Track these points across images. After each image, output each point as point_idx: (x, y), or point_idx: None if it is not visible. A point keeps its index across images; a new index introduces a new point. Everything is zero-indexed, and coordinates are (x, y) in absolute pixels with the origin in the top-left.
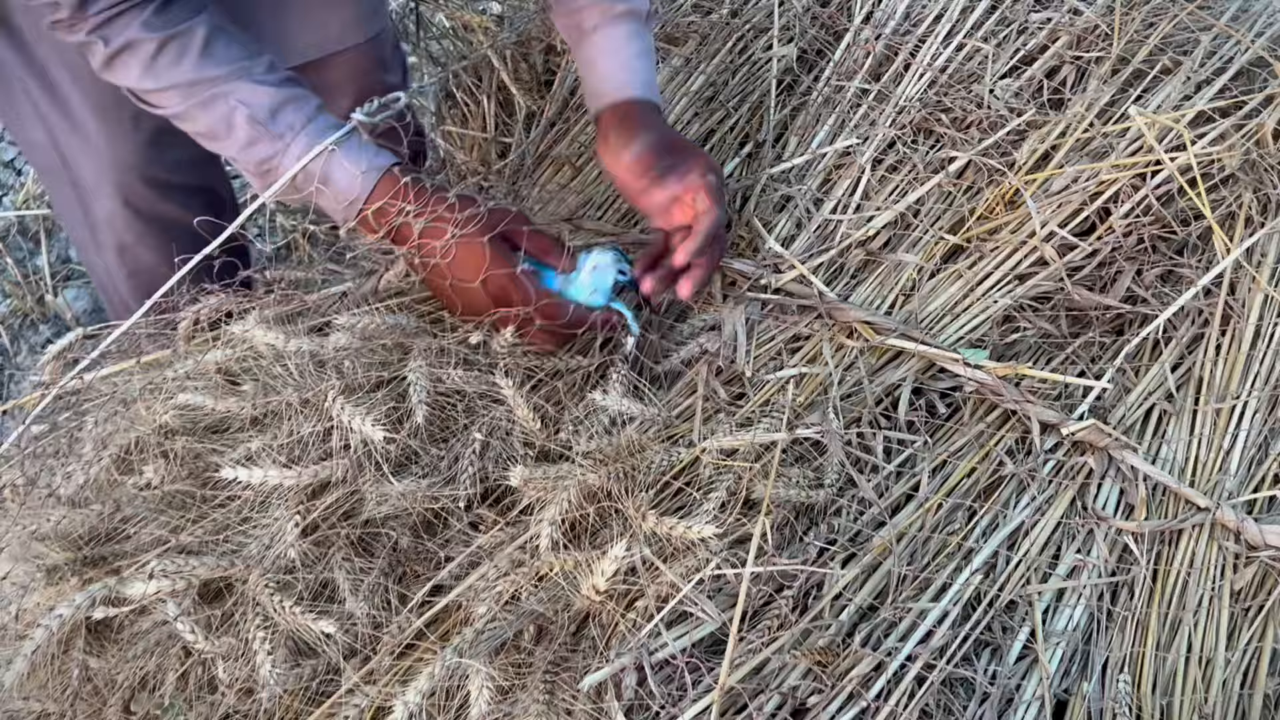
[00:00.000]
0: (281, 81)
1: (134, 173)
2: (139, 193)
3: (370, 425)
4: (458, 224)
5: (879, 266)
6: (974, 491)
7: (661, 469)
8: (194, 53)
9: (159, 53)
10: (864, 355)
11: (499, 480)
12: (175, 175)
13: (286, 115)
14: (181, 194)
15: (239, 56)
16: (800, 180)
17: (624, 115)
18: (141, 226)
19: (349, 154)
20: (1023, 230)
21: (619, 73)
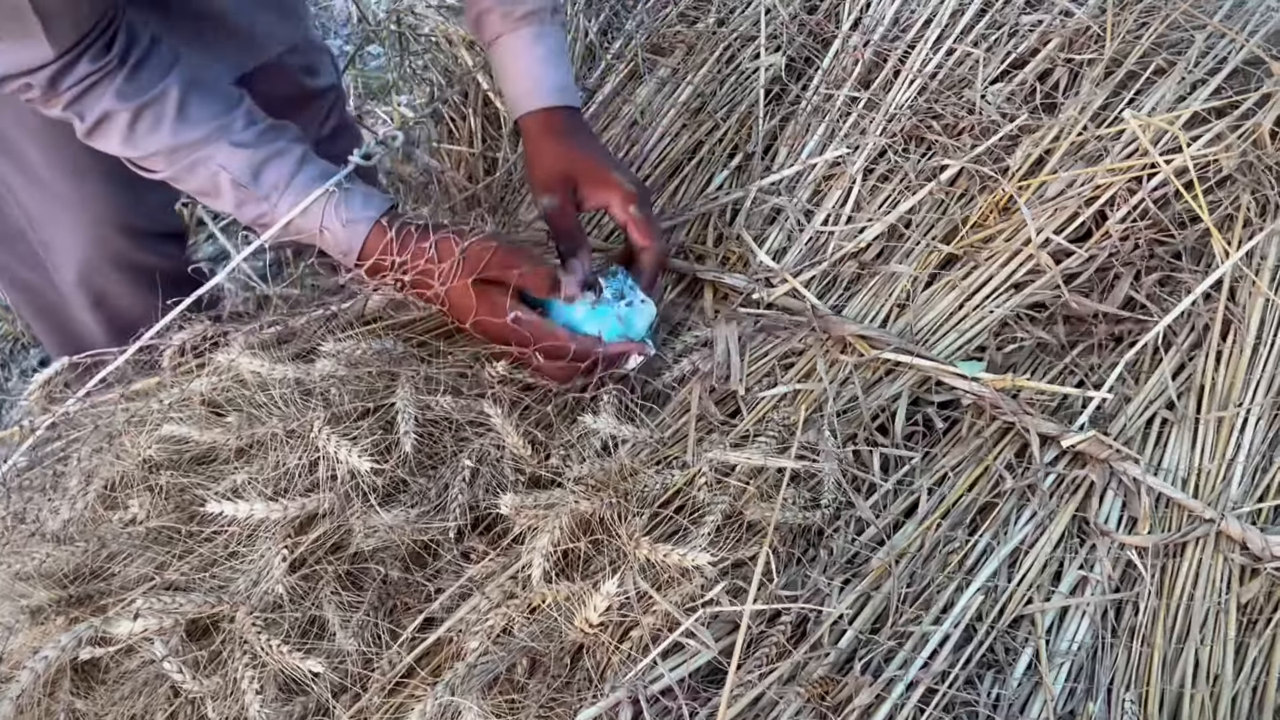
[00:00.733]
0: (261, 136)
1: (109, 226)
2: (115, 245)
3: (357, 456)
4: (441, 274)
5: (872, 278)
6: (974, 508)
7: (655, 493)
8: (169, 118)
9: (135, 121)
10: (859, 370)
11: (489, 508)
12: (151, 223)
13: (269, 175)
14: (156, 241)
15: (216, 114)
16: (790, 192)
17: (534, 127)
18: (119, 276)
19: (336, 207)
20: (1017, 238)
21: (524, 80)
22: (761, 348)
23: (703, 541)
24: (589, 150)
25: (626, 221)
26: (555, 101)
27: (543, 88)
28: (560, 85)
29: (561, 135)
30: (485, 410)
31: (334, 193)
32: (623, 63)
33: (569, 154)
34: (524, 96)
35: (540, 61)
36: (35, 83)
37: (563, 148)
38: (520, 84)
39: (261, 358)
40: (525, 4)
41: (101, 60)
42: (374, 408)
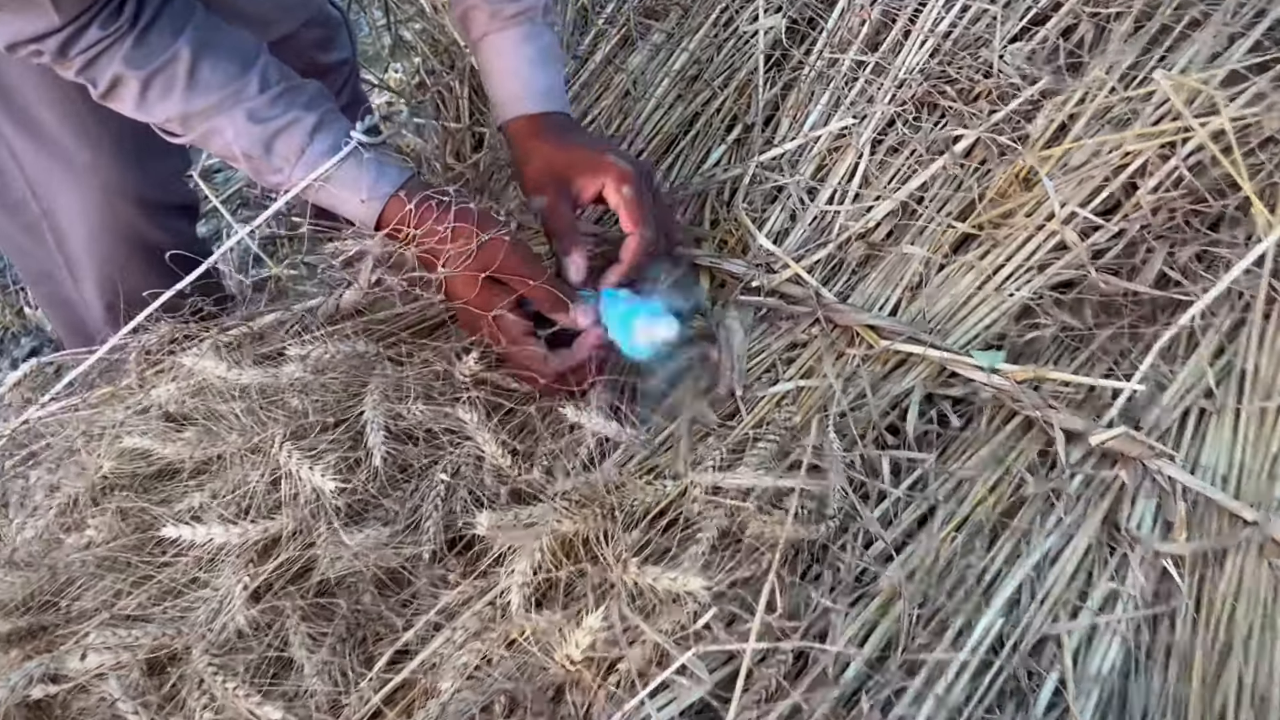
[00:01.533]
0: (274, 101)
1: (119, 194)
2: (124, 215)
3: (320, 475)
4: (449, 257)
5: (881, 260)
6: (993, 516)
7: (644, 507)
8: (180, 84)
9: (146, 88)
10: (867, 364)
11: (466, 526)
12: (164, 193)
13: (280, 147)
14: (165, 214)
15: (229, 78)
16: (793, 167)
17: (521, 132)
18: (126, 253)
19: (350, 180)
20: (1040, 213)
21: (511, 82)
22: (762, 340)
23: (696, 563)
24: (580, 141)
25: (618, 205)
26: (544, 107)
27: (531, 91)
28: (549, 88)
29: (550, 134)
30: (460, 416)
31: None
32: (614, 28)
33: (558, 149)
34: (510, 101)
35: (529, 62)
36: (45, 49)
37: (550, 145)
38: (507, 86)
39: (226, 362)
40: (514, 2)
41: (111, 26)
42: (341, 418)
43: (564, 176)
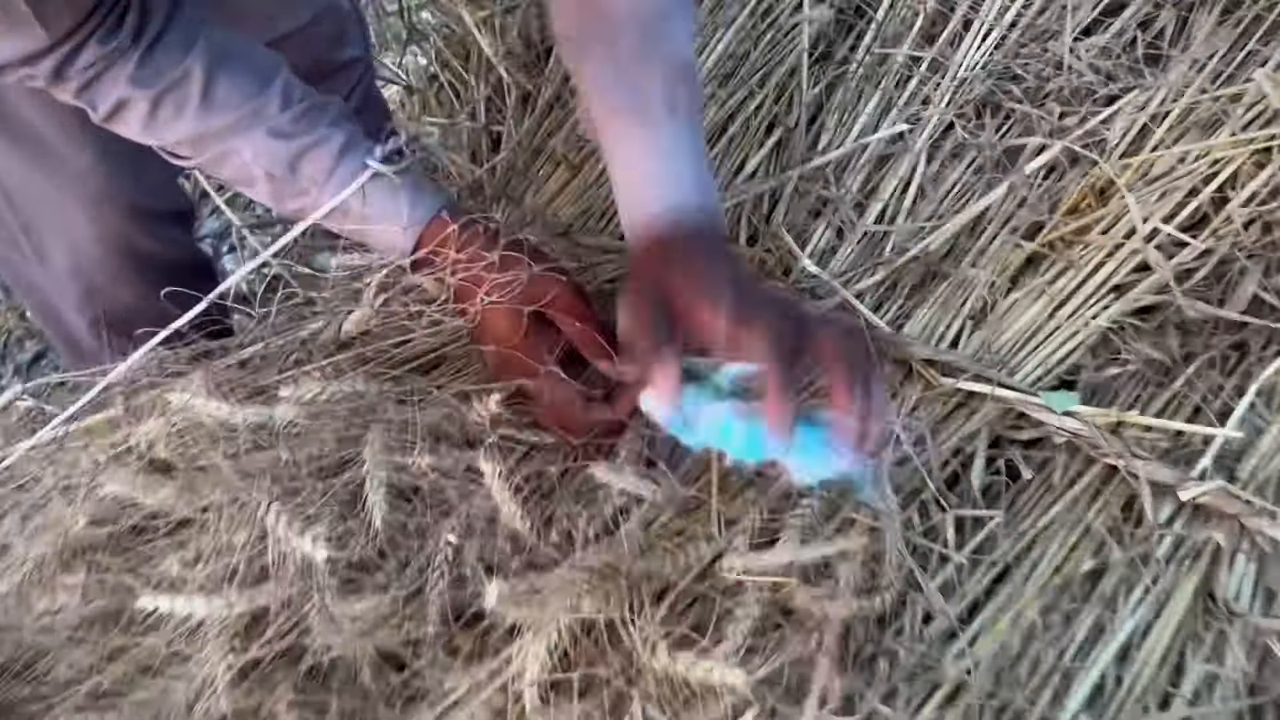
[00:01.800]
0: (298, 120)
1: (106, 203)
2: (112, 225)
3: (311, 541)
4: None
5: (940, 283)
6: (1071, 584)
7: (674, 576)
8: (194, 104)
9: (155, 109)
10: (926, 404)
11: (475, 594)
12: (154, 200)
13: (306, 168)
14: (158, 222)
15: (247, 95)
16: (839, 178)
17: (641, 243)
18: (116, 265)
19: (386, 203)
20: (1118, 229)
21: (630, 190)
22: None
23: (734, 646)
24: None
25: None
26: (678, 206)
27: (637, 197)
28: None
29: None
30: (480, 467)
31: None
32: None
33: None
34: (633, 207)
35: (627, 165)
36: (38, 72)
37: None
38: (619, 194)
39: (216, 398)
40: (618, 90)
41: (111, 43)
42: (338, 468)
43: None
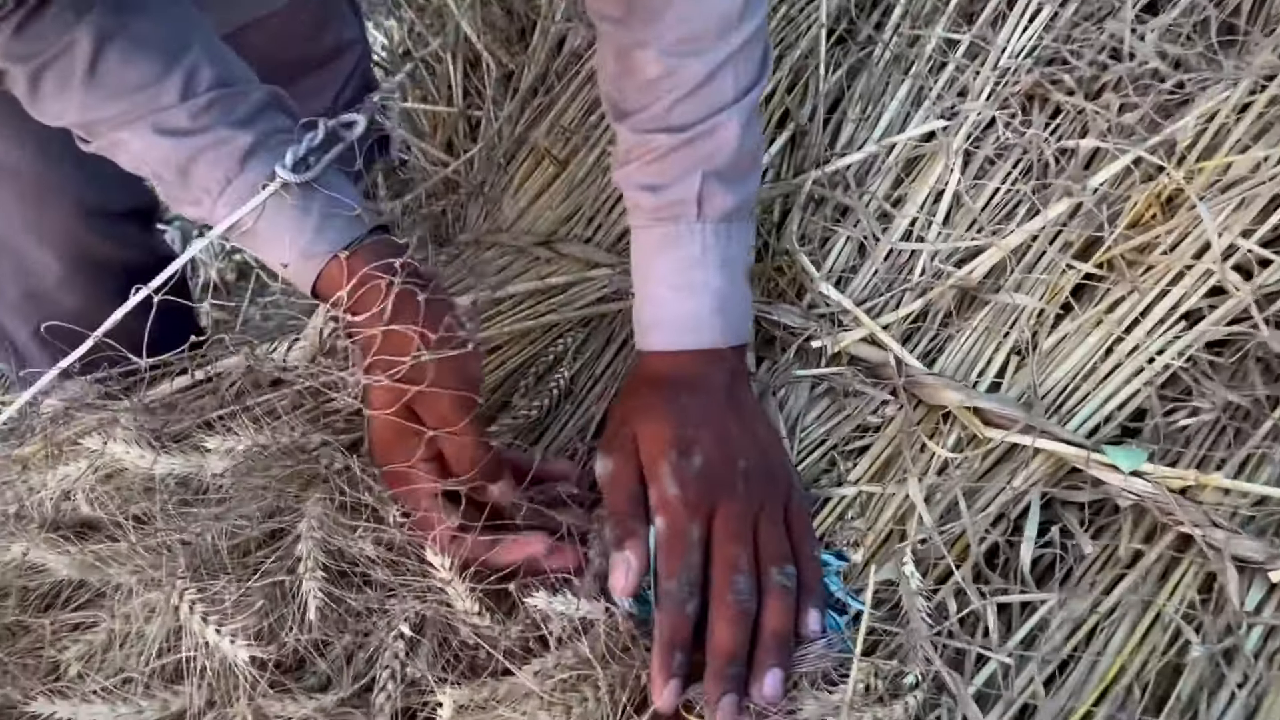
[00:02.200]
0: (199, 115)
1: (55, 200)
2: (61, 225)
3: (230, 640)
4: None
5: (978, 310)
6: (1140, 684)
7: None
8: (77, 84)
9: (35, 84)
10: (964, 461)
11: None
12: (107, 197)
13: (199, 174)
14: (111, 221)
15: (138, 82)
16: (861, 183)
17: (637, 368)
18: (63, 268)
19: (280, 230)
20: (1188, 245)
21: (642, 307)
22: (820, 424)
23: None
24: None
25: None
26: (668, 344)
27: (658, 319)
28: (683, 319)
29: (661, 388)
30: (429, 559)
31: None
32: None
33: (643, 405)
34: (639, 330)
35: (662, 280)
36: None
37: (646, 397)
38: (638, 310)
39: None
40: (656, 192)
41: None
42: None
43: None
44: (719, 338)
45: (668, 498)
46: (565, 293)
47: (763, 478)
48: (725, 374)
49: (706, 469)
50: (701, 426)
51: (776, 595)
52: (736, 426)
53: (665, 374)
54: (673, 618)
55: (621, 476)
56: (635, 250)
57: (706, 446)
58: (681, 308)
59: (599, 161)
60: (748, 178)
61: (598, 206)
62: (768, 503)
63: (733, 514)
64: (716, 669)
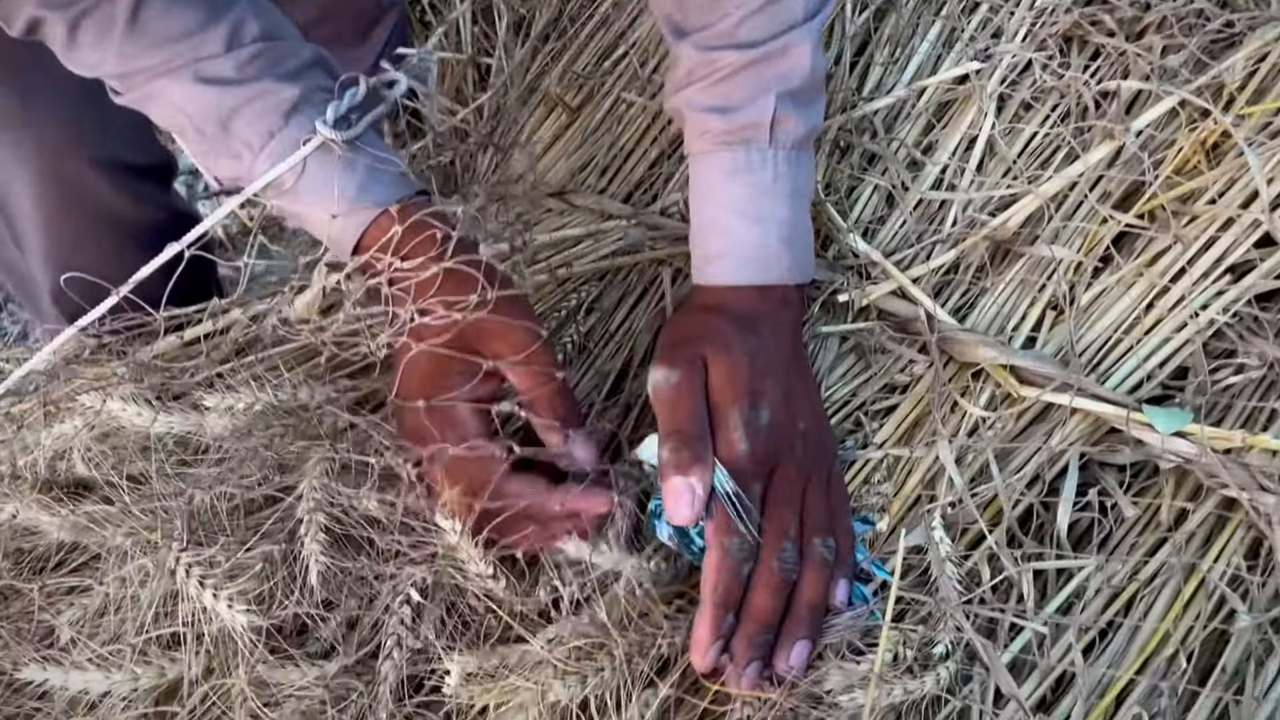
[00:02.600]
0: (244, 65)
1: (68, 153)
2: (76, 180)
3: (227, 604)
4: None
5: (1012, 263)
6: (1182, 657)
7: (672, 650)
8: (118, 33)
9: (74, 33)
10: (998, 416)
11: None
12: (124, 150)
13: (240, 127)
14: (127, 176)
15: (182, 30)
16: (890, 129)
17: (696, 297)
18: (77, 225)
19: (324, 185)
20: (1235, 194)
21: (705, 237)
22: (846, 382)
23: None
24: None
25: None
26: (738, 277)
27: (724, 250)
28: (751, 253)
29: (731, 320)
30: (439, 523)
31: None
32: None
33: (712, 332)
34: (700, 262)
35: (731, 209)
36: None
37: (714, 324)
38: (699, 240)
39: (138, 404)
40: (725, 115)
41: None
42: (270, 499)
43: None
44: (785, 273)
45: (737, 451)
46: (579, 245)
47: (816, 442)
48: (791, 319)
49: (773, 426)
50: (769, 377)
51: (815, 566)
52: (799, 383)
53: (731, 306)
54: (729, 577)
55: (688, 392)
56: (697, 177)
57: (774, 401)
58: (749, 238)
59: (613, 109)
60: (815, 104)
61: (612, 156)
62: (817, 470)
63: (788, 478)
64: (750, 634)
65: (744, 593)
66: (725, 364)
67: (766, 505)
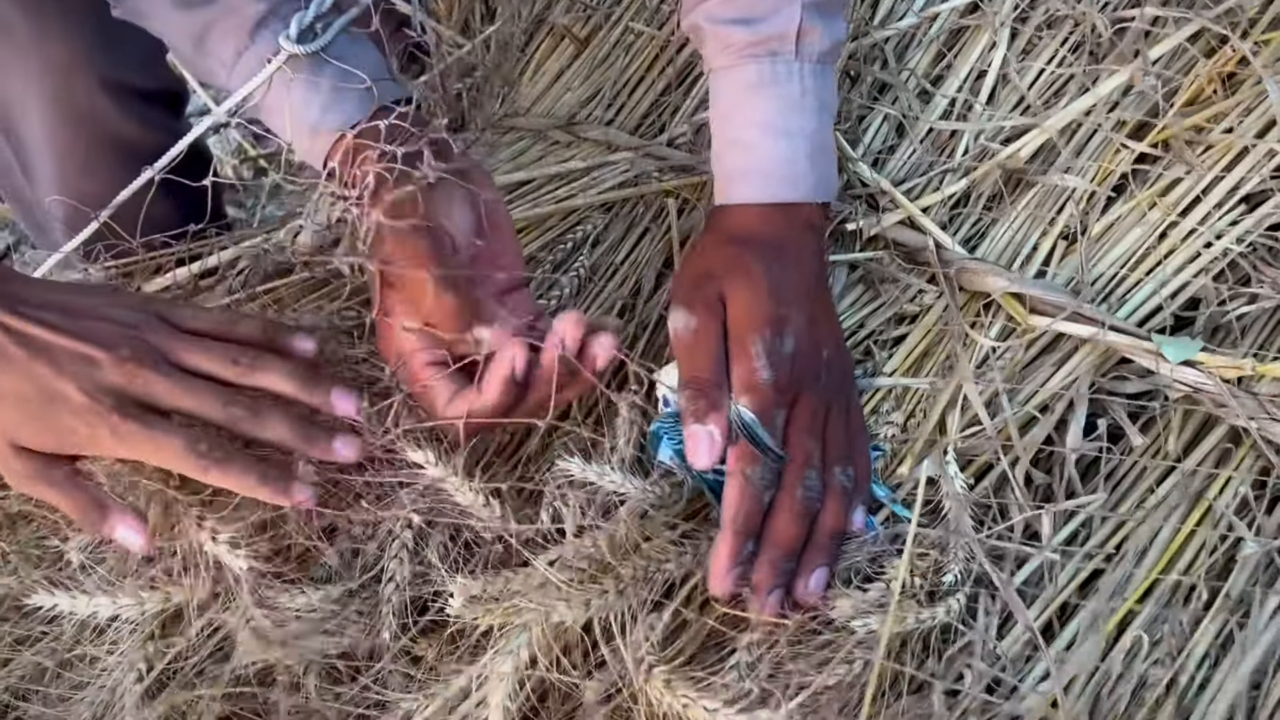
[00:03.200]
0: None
1: (79, 77)
2: (86, 104)
3: (226, 545)
4: None
5: (1024, 193)
6: (1191, 581)
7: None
8: None
9: None
10: (1008, 346)
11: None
12: (134, 74)
13: (214, 45)
14: (137, 101)
15: None
16: (901, 58)
17: (717, 222)
18: (87, 149)
19: (288, 105)
20: (1251, 123)
21: (728, 154)
22: (855, 312)
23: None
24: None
25: None
26: (763, 195)
27: (750, 168)
28: (778, 166)
29: (755, 245)
30: (414, 458)
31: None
32: None
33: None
34: (723, 179)
35: (756, 124)
36: None
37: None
38: (722, 157)
39: None
40: (748, 25)
41: None
42: None
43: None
44: (811, 190)
45: (759, 380)
46: (585, 177)
47: (838, 370)
48: (815, 243)
49: (797, 355)
50: (793, 305)
51: (837, 495)
52: (822, 310)
53: (755, 232)
54: (750, 504)
55: (706, 336)
56: (720, 94)
57: (798, 329)
58: (776, 153)
59: (621, 40)
60: (839, 17)
61: (619, 87)
62: (838, 398)
63: (811, 407)
64: (773, 559)
65: (764, 520)
66: (746, 295)
67: (789, 434)
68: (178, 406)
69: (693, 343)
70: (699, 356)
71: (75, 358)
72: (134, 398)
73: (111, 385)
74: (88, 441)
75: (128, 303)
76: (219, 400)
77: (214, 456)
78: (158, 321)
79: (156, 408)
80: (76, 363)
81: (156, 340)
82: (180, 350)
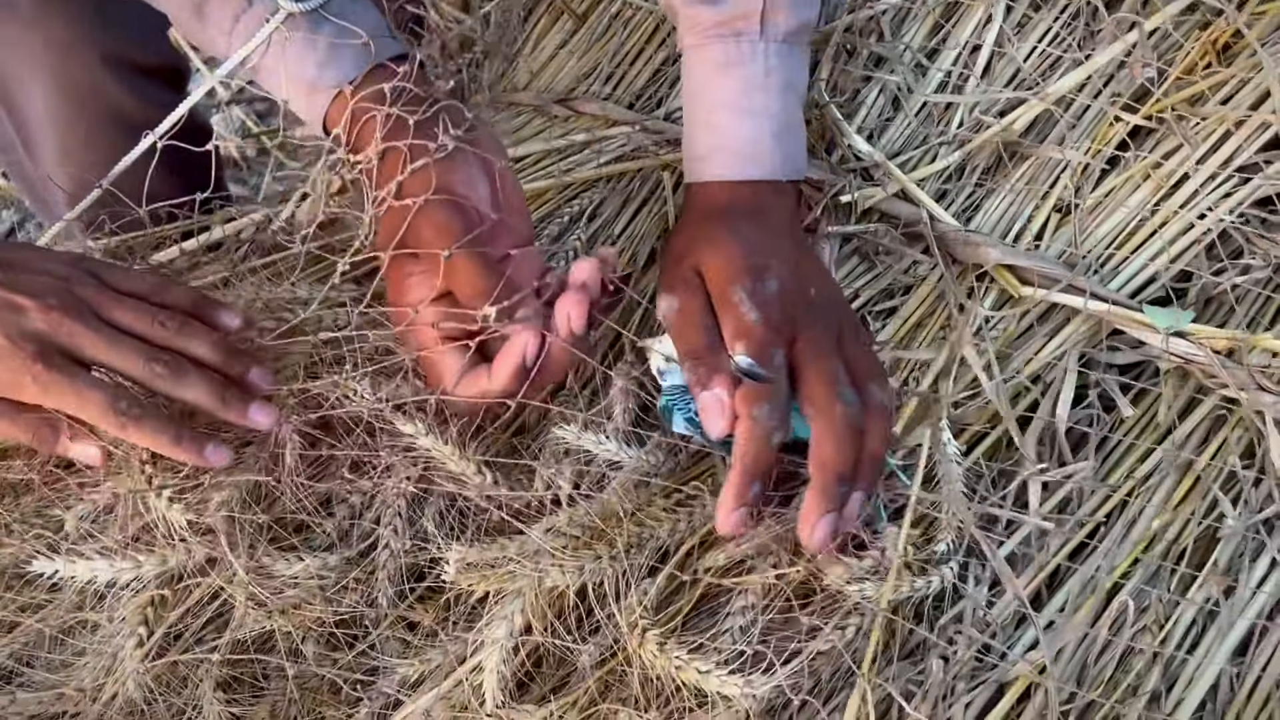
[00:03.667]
0: None
1: (80, 52)
2: (87, 80)
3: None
4: None
5: (1018, 165)
6: (1175, 553)
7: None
8: None
9: None
10: (1001, 316)
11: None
12: (136, 50)
13: (213, 11)
14: (138, 77)
15: None
16: (896, 31)
17: (691, 201)
18: (89, 125)
19: (286, 66)
20: (1245, 95)
21: (697, 133)
22: (849, 283)
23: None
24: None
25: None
26: (732, 172)
27: (717, 145)
28: (744, 145)
29: (726, 218)
30: (401, 428)
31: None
32: None
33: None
34: (691, 158)
35: (723, 105)
36: None
37: (706, 229)
38: (690, 136)
39: None
40: (715, 5)
41: None
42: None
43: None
44: (777, 168)
45: (747, 323)
46: (583, 151)
47: (835, 304)
48: (787, 207)
49: (783, 292)
50: (771, 255)
51: (879, 414)
52: (804, 258)
53: (722, 205)
54: (757, 446)
55: (691, 311)
56: (689, 73)
57: (780, 273)
58: (741, 132)
59: (619, 14)
60: None
61: (617, 62)
62: (847, 326)
63: (816, 336)
64: (824, 484)
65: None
66: (718, 259)
67: (800, 364)
68: (100, 359)
69: (680, 321)
70: (688, 330)
71: (2, 304)
72: (58, 347)
73: (36, 332)
74: (10, 388)
75: (62, 259)
76: (141, 357)
77: (132, 414)
78: (89, 278)
79: (80, 360)
80: (3, 309)
81: (86, 294)
82: (108, 306)
